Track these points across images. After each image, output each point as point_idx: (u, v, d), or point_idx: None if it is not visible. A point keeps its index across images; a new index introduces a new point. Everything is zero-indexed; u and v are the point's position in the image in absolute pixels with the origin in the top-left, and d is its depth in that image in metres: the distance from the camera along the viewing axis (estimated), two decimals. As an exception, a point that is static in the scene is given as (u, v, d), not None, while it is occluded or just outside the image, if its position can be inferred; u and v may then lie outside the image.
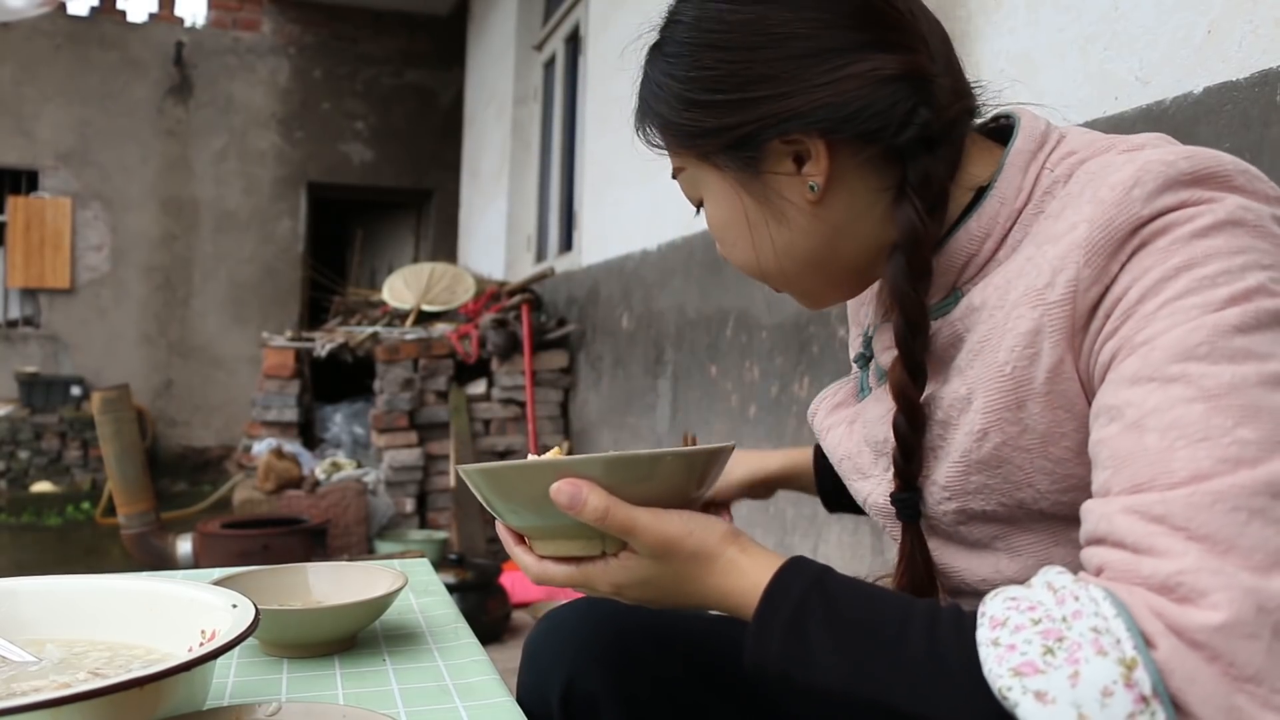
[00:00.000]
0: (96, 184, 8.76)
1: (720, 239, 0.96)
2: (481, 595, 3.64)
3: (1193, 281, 0.68)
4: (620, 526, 0.79)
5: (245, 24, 9.17)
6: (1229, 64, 1.50)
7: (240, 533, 4.05)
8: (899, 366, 0.85)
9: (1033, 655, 0.61)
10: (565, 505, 0.78)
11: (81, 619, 0.92)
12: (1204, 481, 0.62)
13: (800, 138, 0.85)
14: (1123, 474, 0.66)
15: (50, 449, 8.21)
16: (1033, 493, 0.80)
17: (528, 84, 6.96)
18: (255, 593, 1.05)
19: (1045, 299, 0.75)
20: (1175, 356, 0.67)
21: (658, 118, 0.92)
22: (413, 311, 5.93)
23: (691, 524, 0.80)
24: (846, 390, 1.05)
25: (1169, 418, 0.65)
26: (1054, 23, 1.90)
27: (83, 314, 8.74)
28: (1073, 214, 0.77)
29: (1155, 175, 0.72)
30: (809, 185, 0.87)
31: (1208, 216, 0.70)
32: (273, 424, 5.73)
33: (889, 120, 0.83)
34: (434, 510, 5.19)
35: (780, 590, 0.75)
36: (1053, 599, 0.64)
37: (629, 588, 0.83)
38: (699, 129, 0.88)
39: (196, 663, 0.70)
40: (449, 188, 9.28)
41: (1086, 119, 1.79)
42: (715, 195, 0.92)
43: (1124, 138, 0.83)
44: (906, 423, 0.85)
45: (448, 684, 0.97)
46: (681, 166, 0.95)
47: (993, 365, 0.79)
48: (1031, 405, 0.77)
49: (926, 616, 0.69)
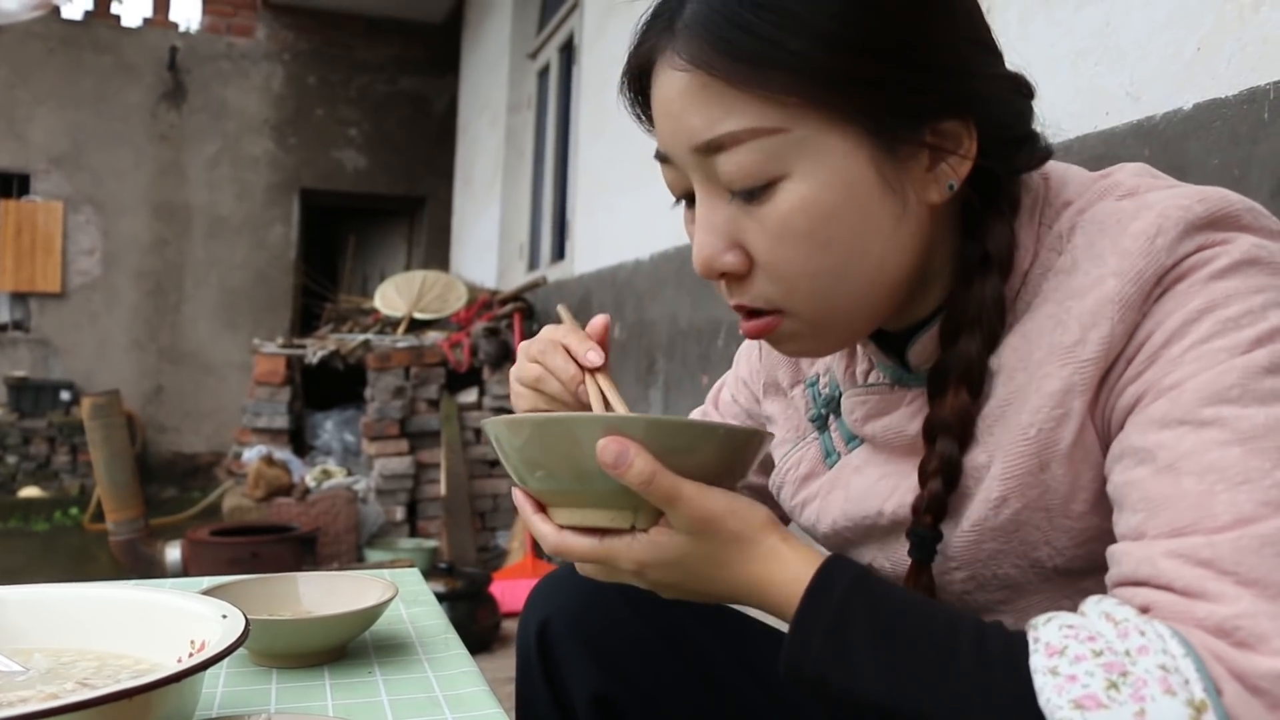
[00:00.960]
0: (88, 188, 8.74)
1: (810, 230, 0.76)
2: (471, 605, 3.63)
3: (1217, 324, 0.68)
4: (664, 494, 0.72)
5: (239, 30, 9.17)
6: (1218, 81, 1.51)
7: (230, 540, 4.03)
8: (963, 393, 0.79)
9: (1095, 688, 0.59)
10: (609, 464, 0.71)
11: (70, 628, 0.91)
12: (1249, 525, 0.62)
13: (960, 128, 0.77)
14: (1160, 517, 0.65)
15: (39, 454, 8.18)
16: (1049, 550, 0.79)
17: (521, 92, 6.97)
18: (244, 602, 1.05)
19: (1077, 356, 0.74)
20: (1207, 400, 0.66)
21: (774, 49, 0.72)
22: (404, 319, 5.92)
23: (735, 504, 0.74)
24: (810, 459, 1.00)
25: (1205, 461, 0.65)
26: (1046, 38, 1.91)
27: (73, 319, 8.72)
28: (1093, 267, 0.75)
29: (1176, 222, 0.72)
30: (947, 184, 0.78)
31: (1224, 258, 0.70)
32: (263, 431, 5.71)
33: (1019, 133, 0.81)
34: (424, 519, 5.18)
35: (823, 588, 0.71)
36: (1113, 630, 0.63)
37: (654, 568, 0.76)
38: (858, 78, 0.73)
39: (186, 674, 0.70)
40: (442, 195, 9.27)
41: (1078, 134, 1.79)
42: (829, 170, 0.75)
43: (1112, 179, 0.81)
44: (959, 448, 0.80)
45: (437, 695, 0.97)
46: (759, 128, 0.74)
47: (1015, 429, 0.77)
48: (1055, 466, 0.76)
49: (974, 632, 0.67)
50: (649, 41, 0.80)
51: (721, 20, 0.74)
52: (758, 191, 0.76)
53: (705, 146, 0.76)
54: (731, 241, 0.79)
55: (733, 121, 0.75)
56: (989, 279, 0.80)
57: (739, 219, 0.78)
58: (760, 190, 0.76)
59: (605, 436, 0.71)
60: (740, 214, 0.78)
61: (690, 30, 0.75)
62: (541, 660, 1.09)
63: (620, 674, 1.07)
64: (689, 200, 0.84)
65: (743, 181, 0.76)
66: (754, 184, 0.76)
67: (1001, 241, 0.80)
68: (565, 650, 1.08)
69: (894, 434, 0.88)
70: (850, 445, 0.95)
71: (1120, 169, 0.83)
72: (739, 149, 0.75)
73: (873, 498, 0.89)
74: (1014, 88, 0.81)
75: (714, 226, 0.79)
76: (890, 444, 0.89)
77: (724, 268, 0.80)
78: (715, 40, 0.74)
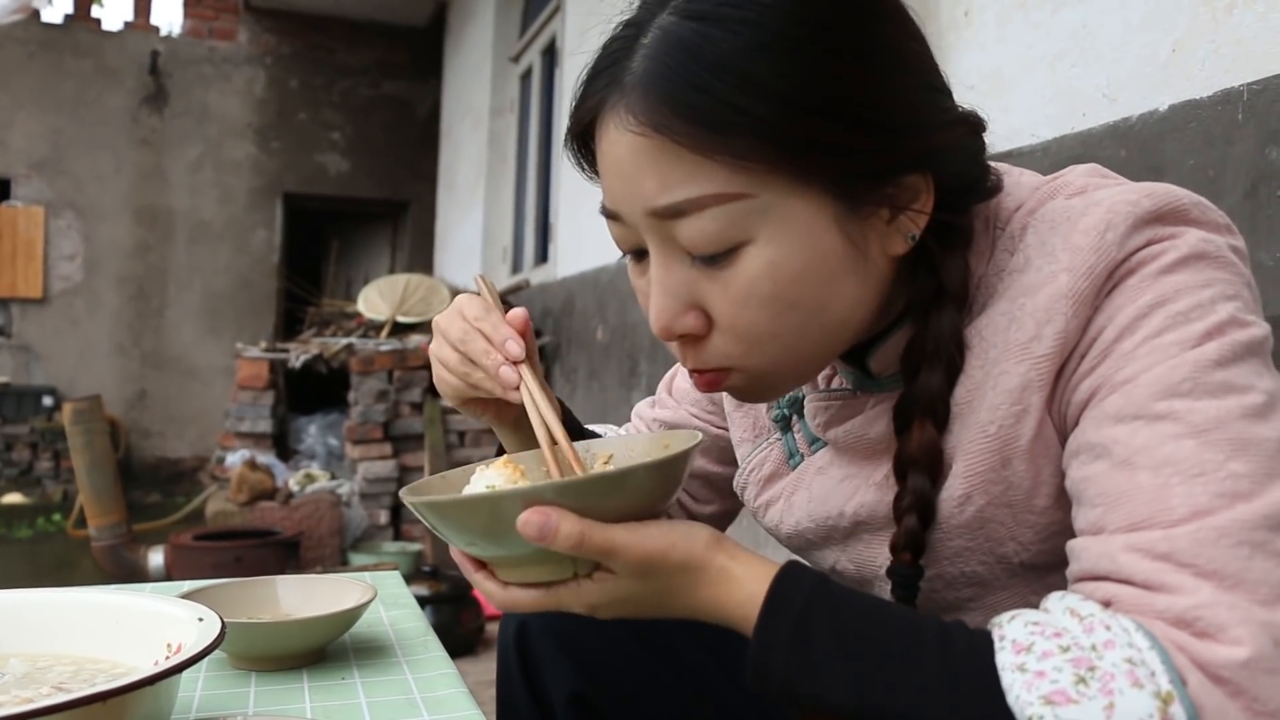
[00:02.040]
0: (70, 193, 8.69)
1: (775, 294, 0.75)
2: (455, 607, 3.62)
3: (1167, 318, 0.70)
4: (599, 550, 0.71)
5: (221, 33, 9.14)
6: (1193, 82, 1.53)
7: (213, 545, 4.02)
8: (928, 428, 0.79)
9: (1064, 684, 0.60)
10: (535, 537, 0.69)
11: (46, 633, 0.91)
12: (1205, 517, 0.63)
13: (919, 181, 0.77)
14: (1118, 511, 0.66)
15: (21, 460, 8.14)
16: (1015, 546, 0.79)
17: (504, 96, 6.96)
18: (223, 605, 1.05)
19: (1033, 352, 0.75)
20: (1159, 394, 0.67)
21: (736, 113, 0.70)
22: (388, 323, 5.92)
23: (673, 534, 0.72)
24: (773, 459, 1.00)
25: (1160, 455, 0.66)
26: (1024, 40, 1.92)
27: (55, 324, 8.67)
28: (1045, 264, 0.76)
29: (1125, 217, 0.73)
30: (908, 236, 0.78)
31: (1172, 253, 0.72)
32: (246, 435, 5.70)
33: (975, 174, 0.81)
34: (408, 522, 5.17)
35: (781, 600, 0.70)
36: (1079, 625, 0.63)
37: (605, 607, 0.75)
38: (820, 141, 0.72)
39: (161, 676, 0.70)
40: (425, 199, 9.26)
41: (1055, 135, 1.80)
42: (794, 233, 0.74)
43: (1061, 180, 0.83)
44: (930, 482, 0.80)
45: (415, 697, 0.97)
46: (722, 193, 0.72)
47: (974, 426, 0.78)
48: (1016, 462, 0.77)
49: (938, 632, 0.67)
50: (595, 96, 0.77)
51: (679, 81, 0.71)
52: (719, 257, 0.75)
53: (663, 211, 0.74)
54: (690, 304, 0.78)
55: (694, 187, 0.73)
56: (945, 312, 0.80)
57: (698, 281, 0.77)
58: (723, 255, 0.75)
59: (524, 510, 0.69)
60: (700, 276, 0.77)
61: (644, 89, 0.73)
62: (521, 661, 1.09)
63: (598, 674, 1.07)
64: (636, 255, 0.82)
65: (705, 248, 0.75)
66: (717, 250, 0.74)
67: (955, 275, 0.80)
68: (544, 651, 1.08)
69: (855, 438, 0.88)
70: (813, 447, 0.96)
71: (1070, 170, 0.84)
72: (701, 215, 0.73)
73: (834, 499, 0.90)
74: (968, 130, 0.81)
75: (672, 289, 0.78)
76: (852, 447, 0.89)
77: (683, 330, 0.79)
78: (673, 102, 0.71)
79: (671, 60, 0.72)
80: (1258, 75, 1.40)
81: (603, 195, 0.81)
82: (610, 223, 0.81)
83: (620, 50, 0.76)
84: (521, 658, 1.09)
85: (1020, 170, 0.87)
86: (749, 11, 0.72)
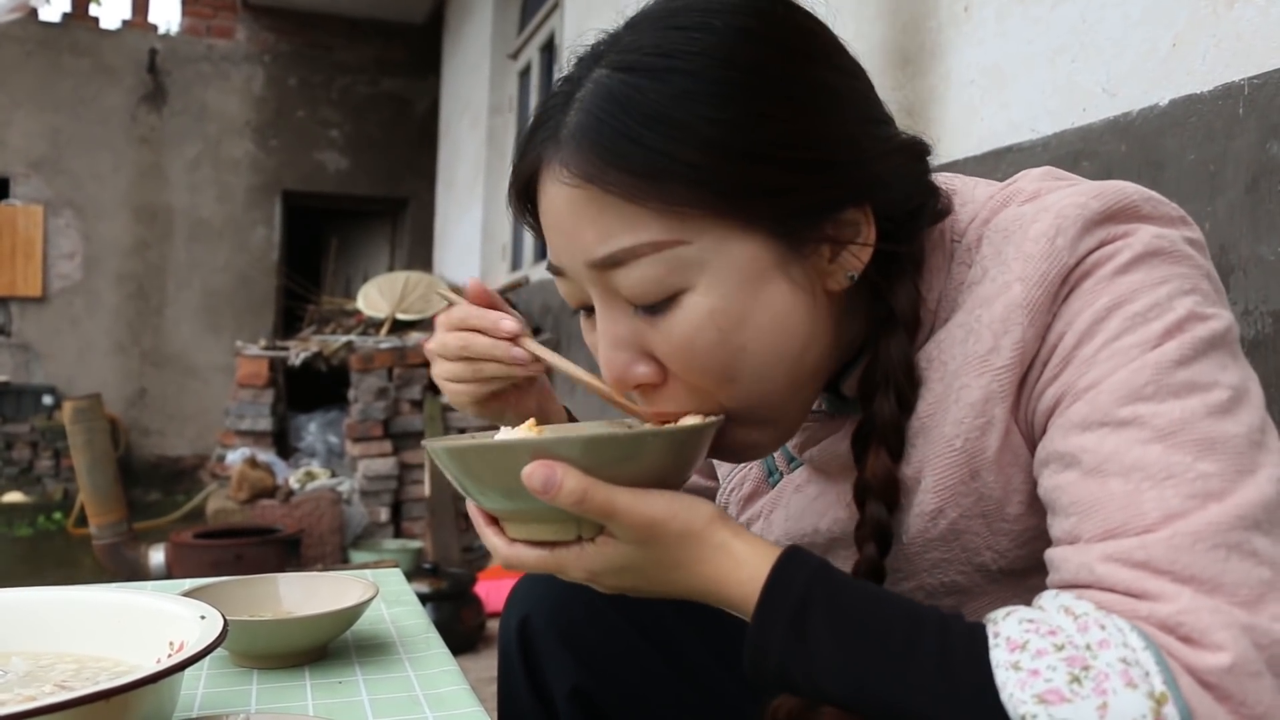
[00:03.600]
0: (69, 192, 8.69)
1: (722, 341, 0.75)
2: (456, 605, 3.62)
3: (1125, 320, 0.69)
4: (600, 510, 0.71)
5: (219, 31, 9.13)
6: (1193, 77, 1.52)
7: (213, 543, 4.02)
8: (883, 456, 0.80)
9: (1058, 683, 0.60)
10: (539, 489, 0.69)
11: (48, 631, 0.91)
12: (1178, 521, 0.63)
13: (859, 215, 0.76)
14: (1092, 520, 0.66)
15: (21, 459, 8.14)
16: (992, 554, 0.79)
17: (503, 93, 6.96)
18: (225, 603, 1.05)
19: (992, 364, 0.74)
20: (1123, 399, 0.67)
21: (668, 161, 0.71)
22: (387, 320, 5.91)
23: (676, 504, 0.72)
24: (753, 477, 0.99)
25: (1128, 460, 0.65)
26: (1023, 35, 1.92)
27: (55, 323, 8.67)
28: (1000, 273, 0.76)
29: (1073, 220, 0.73)
30: (848, 275, 0.78)
31: (1126, 252, 0.71)
32: (246, 433, 5.70)
33: (918, 200, 0.81)
34: (408, 519, 5.17)
35: (782, 583, 0.70)
36: (1073, 625, 0.63)
37: (605, 574, 0.75)
38: (756, 185, 0.72)
39: (163, 674, 0.69)
40: (424, 197, 9.26)
41: (1055, 130, 1.80)
42: (734, 278, 0.74)
43: (1014, 186, 0.82)
44: (887, 510, 0.80)
45: (418, 694, 0.97)
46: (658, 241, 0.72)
47: (939, 441, 0.78)
48: (985, 474, 0.76)
49: (937, 623, 0.67)
50: (533, 152, 0.78)
51: (610, 132, 0.72)
52: (660, 306, 0.75)
53: (601, 262, 0.75)
54: (640, 352, 0.78)
55: (629, 236, 0.73)
56: (894, 340, 0.80)
57: (644, 330, 0.77)
58: (663, 304, 0.75)
59: (533, 461, 0.70)
60: (645, 326, 0.77)
61: (577, 142, 0.73)
62: (522, 656, 1.10)
63: (599, 668, 1.07)
64: (588, 310, 0.82)
65: (644, 298, 0.75)
66: (655, 299, 0.74)
67: (905, 300, 0.80)
68: (545, 645, 1.08)
69: (829, 456, 0.88)
70: (792, 465, 0.96)
71: (1023, 175, 0.83)
72: (637, 264, 0.73)
73: (809, 516, 0.90)
74: (910, 156, 0.80)
75: (619, 340, 0.78)
76: (827, 465, 0.89)
77: (638, 379, 0.79)
78: (605, 154, 0.72)
79: (602, 112, 0.73)
80: (1259, 70, 1.40)
81: (548, 252, 0.81)
82: (558, 280, 0.82)
83: (556, 106, 0.77)
84: (523, 652, 1.10)
85: (975, 181, 0.86)
86: (678, 61, 0.72)
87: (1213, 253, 1.43)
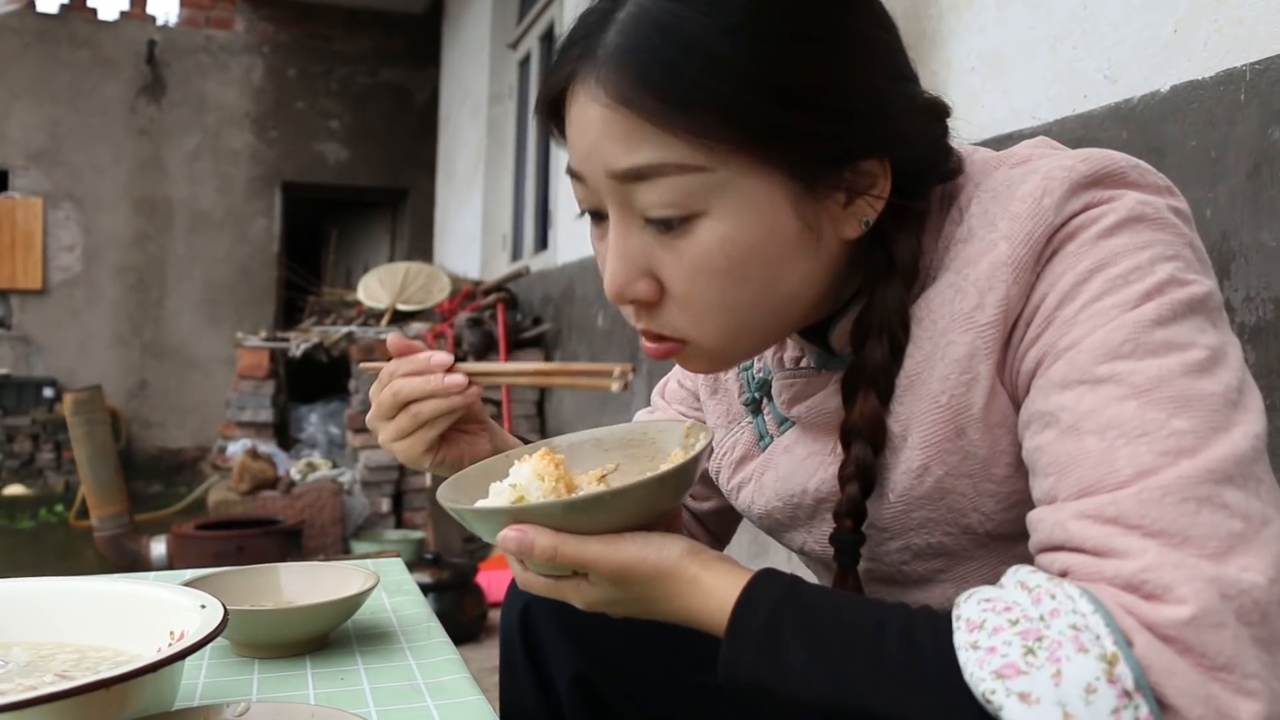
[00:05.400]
0: (68, 184, 8.68)
1: (727, 268, 0.77)
2: (458, 594, 3.63)
3: (1107, 282, 0.70)
4: (573, 562, 0.76)
5: (218, 22, 9.11)
6: (1195, 63, 1.52)
7: (215, 534, 4.03)
8: (871, 398, 0.81)
9: (1014, 657, 0.60)
10: (514, 552, 0.76)
11: (49, 621, 0.91)
12: (1149, 477, 0.63)
13: (876, 167, 0.78)
14: (1068, 479, 0.67)
15: (22, 452, 8.14)
16: (979, 516, 0.80)
17: (502, 82, 6.95)
18: (226, 593, 1.05)
19: (977, 321, 0.75)
20: (1101, 357, 0.68)
21: (701, 92, 0.72)
22: (388, 311, 5.91)
23: (647, 548, 0.76)
24: (744, 441, 1.01)
25: (1104, 418, 0.66)
26: (1024, 21, 1.91)
27: (55, 315, 8.67)
28: (986, 233, 0.77)
29: (1061, 182, 0.74)
30: (863, 221, 0.80)
31: (1110, 216, 0.72)
32: (247, 425, 5.71)
33: (936, 160, 0.82)
34: (410, 510, 5.18)
35: (750, 603, 0.72)
36: (1028, 598, 0.64)
37: (602, 605, 0.81)
38: (782, 125, 0.73)
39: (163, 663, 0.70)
40: (424, 187, 9.24)
41: (1056, 117, 1.80)
42: (749, 210, 0.75)
43: (1008, 151, 0.84)
44: (873, 451, 0.82)
45: (419, 683, 0.97)
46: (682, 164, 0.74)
47: (926, 398, 0.79)
48: (971, 431, 0.77)
49: (901, 621, 0.68)
50: (567, 67, 0.79)
51: (648, 58, 0.73)
52: (675, 224, 0.76)
53: (625, 174, 0.76)
54: (643, 270, 0.80)
55: (656, 155, 0.74)
56: (891, 288, 0.81)
57: (653, 249, 0.79)
58: (678, 223, 0.76)
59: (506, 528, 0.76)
60: (655, 244, 0.78)
61: (615, 64, 0.75)
62: (524, 644, 1.10)
63: (600, 655, 1.08)
64: (595, 216, 0.83)
65: (661, 212, 0.76)
66: (672, 215, 0.76)
67: (907, 252, 0.82)
68: (546, 633, 1.09)
69: (817, 413, 0.89)
70: (782, 428, 0.97)
71: (1022, 144, 0.85)
72: (660, 181, 0.75)
73: (799, 476, 0.91)
74: (931, 116, 0.82)
75: (626, 254, 0.79)
76: (815, 423, 0.90)
77: (635, 295, 0.80)
78: (641, 79, 0.73)
79: (643, 37, 0.74)
80: (1260, 55, 1.40)
81: (569, 157, 0.82)
82: (574, 182, 0.83)
83: (595, 23, 0.78)
84: (525, 640, 1.10)
85: (974, 148, 0.88)
86: None
87: (1214, 239, 1.43)
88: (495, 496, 0.83)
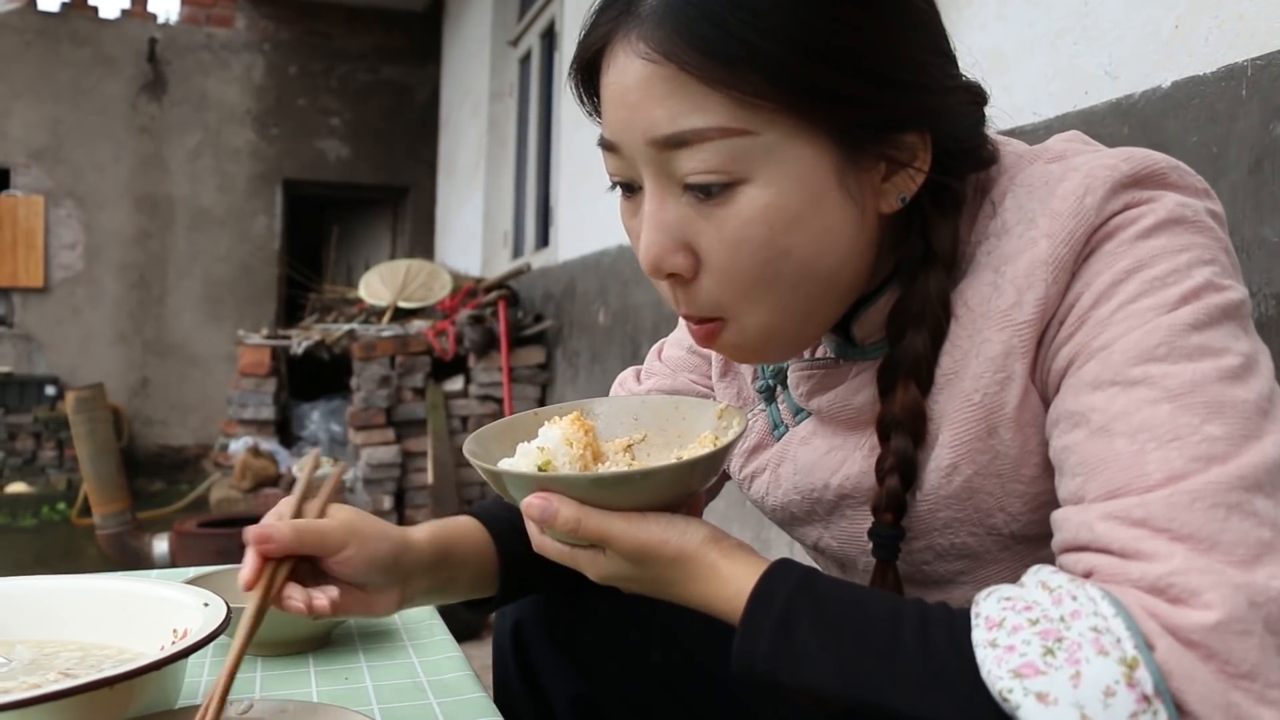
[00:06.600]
0: (69, 182, 8.68)
1: (769, 239, 0.74)
2: (460, 592, 3.63)
3: (1143, 284, 0.70)
4: (594, 537, 0.76)
5: (219, 20, 9.10)
6: (1195, 58, 1.52)
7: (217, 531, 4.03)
8: (912, 389, 0.79)
9: (1032, 656, 0.60)
10: (537, 519, 0.76)
11: (52, 620, 0.91)
12: (1180, 481, 0.63)
13: (918, 141, 0.77)
14: (1096, 479, 0.66)
15: (25, 449, 8.14)
16: (1005, 517, 0.79)
17: (503, 80, 6.94)
18: (229, 591, 1.05)
19: (1014, 319, 0.75)
20: (1135, 359, 0.67)
21: (750, 50, 0.70)
22: (389, 308, 5.91)
23: (670, 530, 0.76)
24: (757, 429, 0.98)
25: (1136, 420, 0.66)
26: (1024, 18, 1.91)
27: (57, 313, 8.67)
28: (1025, 230, 0.76)
29: (1103, 181, 0.73)
30: (899, 197, 0.79)
31: (1150, 217, 0.72)
32: (249, 422, 5.71)
33: (975, 143, 0.81)
34: (412, 507, 5.18)
35: (766, 593, 0.72)
36: (1049, 598, 0.64)
37: (614, 580, 0.80)
38: (829, 88, 0.72)
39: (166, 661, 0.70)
40: (425, 184, 9.24)
41: (1057, 113, 1.80)
42: (794, 177, 0.74)
43: (1042, 146, 0.83)
44: (914, 443, 0.80)
45: (422, 680, 0.97)
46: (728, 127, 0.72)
47: (959, 395, 0.78)
48: (1003, 431, 0.76)
49: (918, 615, 0.68)
50: (606, 25, 0.77)
51: (695, 13, 0.71)
52: (716, 191, 0.74)
53: (666, 140, 0.74)
54: (681, 242, 0.77)
55: (700, 118, 0.72)
56: (933, 275, 0.80)
57: (692, 219, 0.76)
58: (719, 190, 0.74)
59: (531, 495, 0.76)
60: (694, 214, 0.76)
61: (659, 18, 0.72)
62: (518, 663, 1.08)
63: (599, 673, 1.06)
64: (626, 188, 0.81)
65: (702, 178, 0.74)
66: (715, 181, 0.74)
67: (946, 239, 0.80)
68: (541, 652, 1.07)
69: (840, 407, 0.88)
70: (798, 417, 0.95)
71: (1055, 138, 0.84)
72: (703, 146, 0.73)
73: (820, 470, 0.90)
74: (970, 98, 0.81)
75: (664, 224, 0.77)
76: (836, 417, 0.89)
77: (672, 268, 0.78)
78: (688, 33, 0.71)
79: None
80: (1262, 51, 1.39)
81: (603, 127, 0.80)
82: (607, 154, 0.81)
83: None
84: (519, 660, 1.08)
85: (1007, 139, 0.87)
86: None
87: (1215, 235, 1.43)
88: (522, 457, 0.82)
